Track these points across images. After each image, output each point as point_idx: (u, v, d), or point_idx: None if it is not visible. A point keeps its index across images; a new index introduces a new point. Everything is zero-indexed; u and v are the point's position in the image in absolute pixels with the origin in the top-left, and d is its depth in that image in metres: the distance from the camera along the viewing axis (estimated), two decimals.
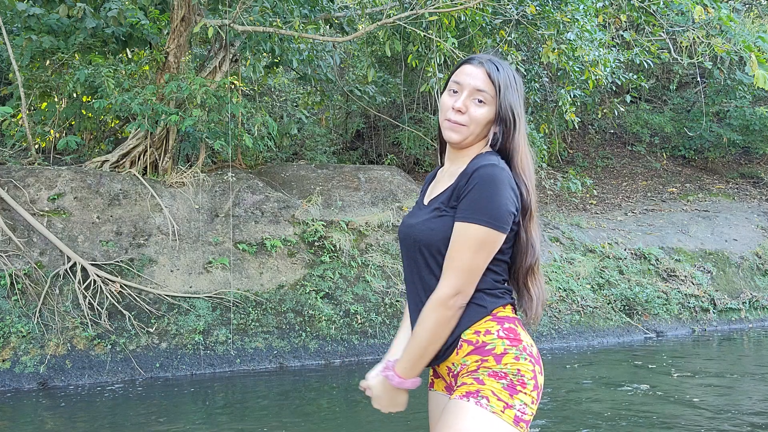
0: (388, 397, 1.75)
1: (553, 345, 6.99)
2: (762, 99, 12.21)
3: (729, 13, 7.51)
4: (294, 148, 10.50)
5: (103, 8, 6.65)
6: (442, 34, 6.91)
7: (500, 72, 1.71)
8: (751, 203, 10.83)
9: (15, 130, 7.30)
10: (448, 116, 1.72)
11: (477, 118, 1.71)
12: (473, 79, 1.71)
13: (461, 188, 1.67)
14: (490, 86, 1.70)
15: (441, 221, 1.69)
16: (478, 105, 1.71)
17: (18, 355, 5.37)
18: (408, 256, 1.79)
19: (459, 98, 1.71)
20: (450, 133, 1.73)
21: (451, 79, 1.75)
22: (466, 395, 1.63)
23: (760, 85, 7.08)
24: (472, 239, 1.63)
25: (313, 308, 6.39)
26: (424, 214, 1.77)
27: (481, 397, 1.62)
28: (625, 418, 4.49)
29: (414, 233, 1.75)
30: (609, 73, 8.43)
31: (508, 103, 1.71)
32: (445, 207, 1.70)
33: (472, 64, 1.73)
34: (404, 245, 1.81)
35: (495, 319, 1.70)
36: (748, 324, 8.18)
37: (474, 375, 1.66)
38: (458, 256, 1.64)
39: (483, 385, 1.63)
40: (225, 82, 7.01)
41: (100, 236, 6.25)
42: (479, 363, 1.66)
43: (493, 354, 1.65)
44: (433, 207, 1.75)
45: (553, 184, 9.34)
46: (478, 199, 1.63)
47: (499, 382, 1.63)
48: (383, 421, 4.47)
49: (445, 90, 1.78)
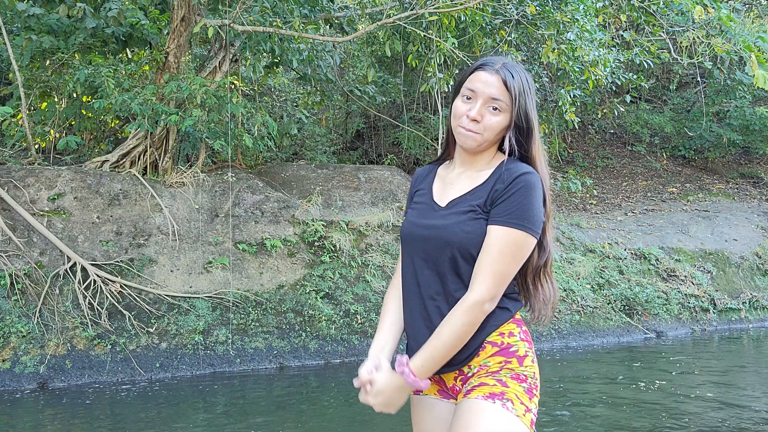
0: (391, 395, 1.68)
1: (553, 345, 6.99)
2: (762, 99, 12.21)
3: (729, 13, 7.51)
4: (294, 148, 10.50)
5: (103, 8, 6.65)
6: (442, 34, 6.90)
7: (515, 79, 1.69)
8: (751, 203, 10.83)
9: (15, 130, 7.29)
10: (463, 124, 1.70)
11: (492, 126, 1.69)
12: (488, 87, 1.68)
13: (498, 192, 1.65)
14: (506, 94, 1.68)
15: (477, 224, 1.66)
16: (492, 113, 1.69)
17: (18, 355, 5.37)
18: (426, 257, 1.72)
19: (474, 106, 1.68)
20: (466, 140, 1.71)
21: (465, 86, 1.72)
22: (491, 396, 1.62)
23: (760, 85, 7.08)
24: (513, 245, 1.62)
25: (313, 308, 6.39)
26: (449, 215, 1.71)
27: (507, 400, 1.62)
28: (626, 416, 4.49)
29: (444, 235, 1.68)
30: (609, 73, 8.43)
31: (524, 111, 1.69)
32: (481, 210, 1.67)
33: (487, 71, 1.70)
34: (421, 246, 1.73)
35: (515, 321, 1.71)
36: (748, 324, 8.18)
37: (496, 376, 1.65)
38: (498, 260, 1.61)
39: (507, 388, 1.63)
40: (225, 82, 7.01)
41: (100, 236, 6.24)
42: (502, 364, 1.65)
43: (516, 356, 1.66)
44: (465, 209, 1.69)
45: (553, 184, 9.34)
46: (519, 205, 1.62)
47: (521, 386, 1.64)
48: (383, 421, 4.47)
49: (457, 95, 1.75)
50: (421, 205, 1.81)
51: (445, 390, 1.78)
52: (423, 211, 1.78)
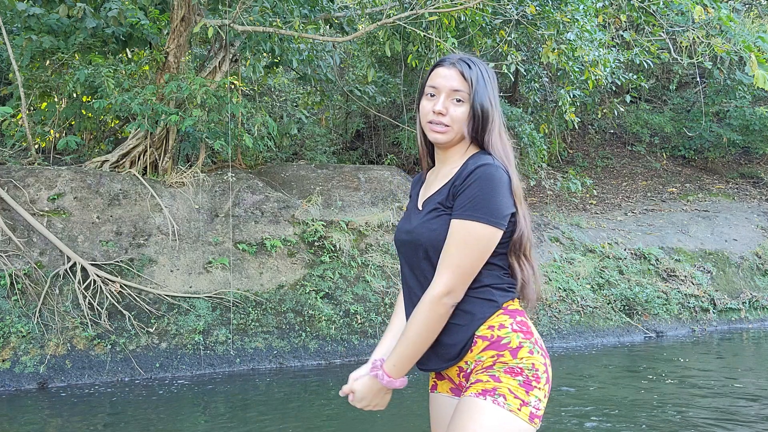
0: (373, 397, 1.76)
1: (553, 345, 6.99)
2: (762, 99, 12.22)
3: (729, 13, 7.51)
4: (294, 148, 10.50)
5: (103, 8, 6.65)
6: (442, 34, 6.91)
7: (472, 69, 1.74)
8: (751, 203, 10.83)
9: (15, 130, 7.29)
10: (430, 119, 1.74)
11: (458, 117, 1.73)
12: (448, 80, 1.73)
13: (457, 187, 1.68)
14: (464, 84, 1.72)
15: (440, 221, 1.69)
16: (456, 104, 1.73)
17: (18, 355, 5.37)
18: (409, 262, 1.78)
19: (438, 101, 1.74)
20: (436, 135, 1.75)
21: (427, 84, 1.78)
22: (482, 393, 1.62)
23: (759, 85, 7.08)
24: (470, 236, 1.63)
25: (313, 308, 6.39)
26: (420, 216, 1.77)
27: (498, 395, 1.61)
28: (625, 416, 4.49)
29: (416, 238, 1.73)
30: (609, 73, 8.43)
31: (480, 99, 1.73)
32: (443, 206, 1.70)
33: (445, 66, 1.76)
34: (404, 251, 1.79)
35: (507, 313, 1.70)
36: (748, 324, 8.18)
37: (489, 372, 1.65)
38: (454, 253, 1.63)
39: (499, 383, 1.63)
40: (225, 82, 7.01)
41: (100, 236, 6.25)
42: (495, 358, 1.65)
43: (509, 348, 1.65)
44: (430, 208, 1.74)
45: (553, 184, 9.34)
46: (475, 197, 1.63)
47: (515, 379, 1.63)
48: (383, 421, 4.47)
49: (422, 96, 1.79)
50: (408, 212, 1.88)
51: (456, 387, 1.78)
52: (407, 216, 1.85)
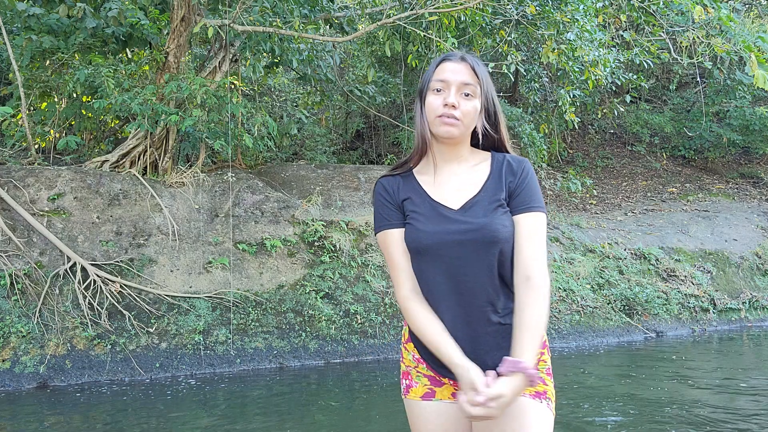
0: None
1: (553, 345, 6.98)
2: (762, 99, 12.22)
3: (729, 13, 7.51)
4: (294, 148, 10.50)
5: (103, 8, 6.65)
6: (442, 34, 6.91)
7: (479, 66, 1.76)
8: (751, 203, 10.83)
9: (15, 130, 7.29)
10: (441, 113, 1.70)
11: (469, 111, 1.72)
12: (458, 74, 1.71)
13: (513, 184, 1.72)
14: (475, 79, 1.73)
15: (507, 217, 1.70)
16: (466, 99, 1.72)
17: (18, 355, 5.37)
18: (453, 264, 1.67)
19: (449, 94, 1.70)
20: (448, 128, 1.71)
21: (433, 79, 1.74)
22: (537, 396, 1.63)
23: (759, 85, 7.08)
24: (543, 226, 1.70)
25: (313, 308, 6.39)
26: (479, 214, 1.68)
27: (549, 400, 1.65)
28: (626, 415, 4.49)
29: (489, 234, 1.65)
30: (609, 73, 8.43)
31: (491, 94, 1.75)
32: (506, 204, 1.72)
33: (453, 61, 1.75)
34: (458, 251, 1.66)
35: None
36: (748, 324, 8.18)
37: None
38: (541, 243, 1.68)
39: (546, 386, 1.66)
40: (225, 82, 7.01)
41: (100, 236, 6.24)
42: (539, 356, 1.68)
43: (547, 347, 1.73)
44: (494, 206, 1.69)
45: (553, 184, 9.34)
46: (535, 190, 1.72)
47: (551, 381, 1.69)
48: (383, 421, 4.47)
49: (423, 97, 1.76)
50: (426, 213, 1.73)
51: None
52: (433, 217, 1.71)
